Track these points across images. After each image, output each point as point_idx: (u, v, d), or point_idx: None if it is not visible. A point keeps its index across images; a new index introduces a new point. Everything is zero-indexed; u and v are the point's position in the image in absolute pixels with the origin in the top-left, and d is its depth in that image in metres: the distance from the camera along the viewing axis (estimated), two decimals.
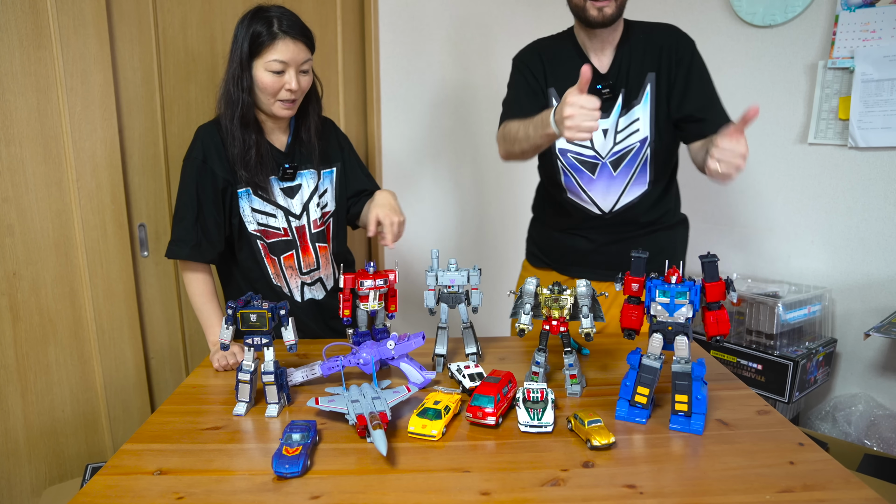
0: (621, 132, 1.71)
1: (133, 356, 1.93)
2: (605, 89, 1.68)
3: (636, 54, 1.70)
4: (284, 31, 1.53)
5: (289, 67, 1.55)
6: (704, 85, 1.71)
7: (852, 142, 2.30)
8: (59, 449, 1.80)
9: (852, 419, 2.29)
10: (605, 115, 1.69)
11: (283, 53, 1.53)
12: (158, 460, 1.14)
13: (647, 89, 1.69)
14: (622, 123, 1.71)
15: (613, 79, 1.70)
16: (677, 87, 1.68)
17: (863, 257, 2.35)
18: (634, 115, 1.70)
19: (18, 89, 1.62)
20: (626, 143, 1.71)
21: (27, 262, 1.68)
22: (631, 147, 1.71)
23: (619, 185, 1.75)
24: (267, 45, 1.53)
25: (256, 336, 1.31)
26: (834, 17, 2.30)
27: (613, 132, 1.71)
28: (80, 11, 1.70)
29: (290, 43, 1.54)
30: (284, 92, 1.57)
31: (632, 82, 1.69)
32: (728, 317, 1.23)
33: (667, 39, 1.70)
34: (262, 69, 1.54)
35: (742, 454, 1.13)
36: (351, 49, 2.52)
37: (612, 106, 1.70)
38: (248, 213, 1.65)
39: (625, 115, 1.70)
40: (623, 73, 1.70)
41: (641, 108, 1.70)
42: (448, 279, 1.49)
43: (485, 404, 1.23)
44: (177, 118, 1.99)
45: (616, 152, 1.72)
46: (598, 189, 1.77)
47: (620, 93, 1.70)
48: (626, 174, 1.74)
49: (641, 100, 1.69)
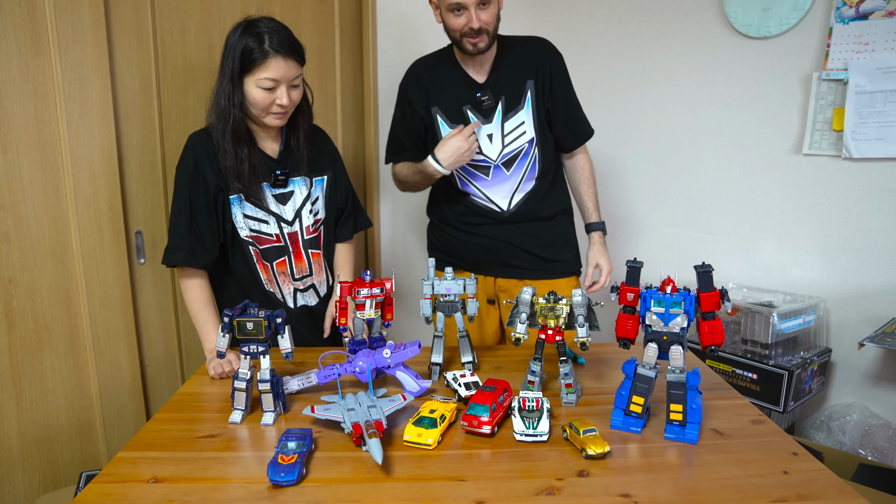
0: (509, 135, 1.89)
1: (129, 363, 1.92)
2: (484, 97, 1.86)
3: (514, 65, 1.88)
4: (276, 48, 1.53)
5: (280, 84, 1.56)
6: (568, 98, 1.94)
7: (846, 153, 2.31)
8: (53, 457, 1.79)
9: (847, 429, 2.29)
10: (488, 121, 1.88)
11: (275, 72, 1.54)
12: (154, 468, 1.13)
13: (527, 95, 1.88)
14: (508, 127, 1.88)
15: (492, 87, 1.87)
16: (551, 96, 1.90)
17: (857, 267, 2.36)
18: (519, 119, 1.88)
19: (16, 96, 1.62)
20: (516, 144, 1.90)
21: (23, 269, 1.68)
22: (520, 148, 1.90)
23: (513, 182, 1.94)
24: (259, 63, 1.53)
25: (253, 344, 1.31)
26: (828, 29, 2.32)
27: (500, 136, 1.89)
28: (78, 19, 1.70)
29: (281, 61, 1.54)
30: (275, 107, 1.58)
31: (512, 90, 1.87)
32: (723, 326, 1.23)
33: (540, 50, 1.90)
34: (254, 86, 1.55)
35: (736, 464, 1.13)
36: (348, 59, 2.53)
37: (493, 112, 1.88)
38: (240, 219, 1.66)
39: (509, 120, 1.88)
40: (502, 82, 1.87)
41: (525, 112, 1.88)
42: (444, 288, 1.50)
43: (480, 413, 1.23)
44: (174, 126, 2.00)
45: (506, 154, 1.90)
46: (494, 189, 1.95)
47: (500, 100, 1.87)
48: (518, 172, 1.93)
49: (524, 105, 1.88)
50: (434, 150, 1.82)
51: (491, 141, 1.89)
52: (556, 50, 1.93)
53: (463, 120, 1.88)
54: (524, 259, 1.99)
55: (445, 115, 1.91)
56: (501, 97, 1.87)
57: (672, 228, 2.78)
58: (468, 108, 1.88)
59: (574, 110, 1.97)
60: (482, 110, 1.87)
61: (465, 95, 1.88)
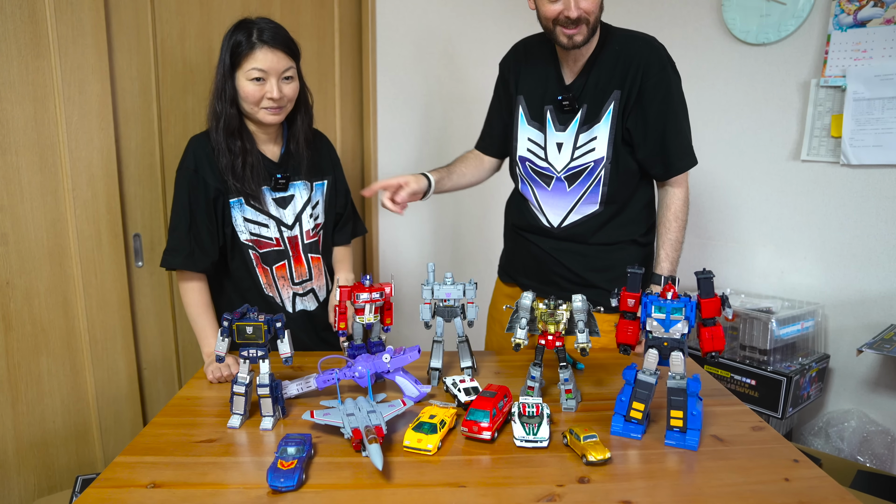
0: (580, 148, 1.67)
1: (126, 367, 1.92)
2: (564, 101, 1.65)
3: (605, 69, 1.63)
4: (264, 40, 1.54)
5: (269, 76, 1.56)
6: (661, 117, 1.63)
7: (844, 159, 2.32)
8: (49, 460, 1.78)
9: (845, 435, 2.29)
10: (562, 129, 1.68)
11: (262, 62, 1.54)
12: (152, 473, 1.13)
13: (609, 107, 1.63)
14: (581, 139, 1.66)
15: (577, 92, 1.66)
16: (635, 112, 1.62)
17: (855, 273, 2.37)
18: (593, 134, 1.65)
19: (16, 98, 1.62)
20: (583, 160, 1.67)
21: (21, 272, 1.67)
22: (586, 165, 1.67)
23: (570, 201, 1.72)
24: (246, 55, 1.54)
25: (252, 348, 1.31)
26: (826, 36, 2.33)
27: (571, 147, 1.67)
28: (79, 21, 1.70)
29: (268, 52, 1.55)
30: (266, 100, 1.58)
31: (595, 99, 1.64)
32: (723, 333, 1.23)
33: (638, 55, 1.61)
34: (244, 79, 1.56)
35: (737, 470, 1.13)
36: (348, 62, 2.53)
37: (571, 120, 1.67)
38: (240, 222, 1.65)
39: (585, 132, 1.66)
40: (589, 87, 1.65)
41: (602, 126, 1.64)
42: (444, 293, 1.50)
43: (480, 419, 1.23)
44: (174, 129, 1.99)
45: (571, 168, 1.68)
46: (550, 202, 1.75)
47: (582, 108, 1.65)
48: (578, 191, 1.70)
49: (602, 118, 1.64)
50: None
51: (560, 150, 1.68)
52: (662, 57, 1.62)
53: (541, 119, 1.71)
54: (564, 276, 1.77)
55: (528, 110, 1.74)
56: (584, 105, 1.65)
57: None
58: (549, 109, 1.70)
59: (669, 134, 1.64)
60: (562, 114, 1.68)
61: (550, 93, 1.69)
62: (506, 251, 1.99)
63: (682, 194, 1.70)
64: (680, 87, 1.66)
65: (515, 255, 1.90)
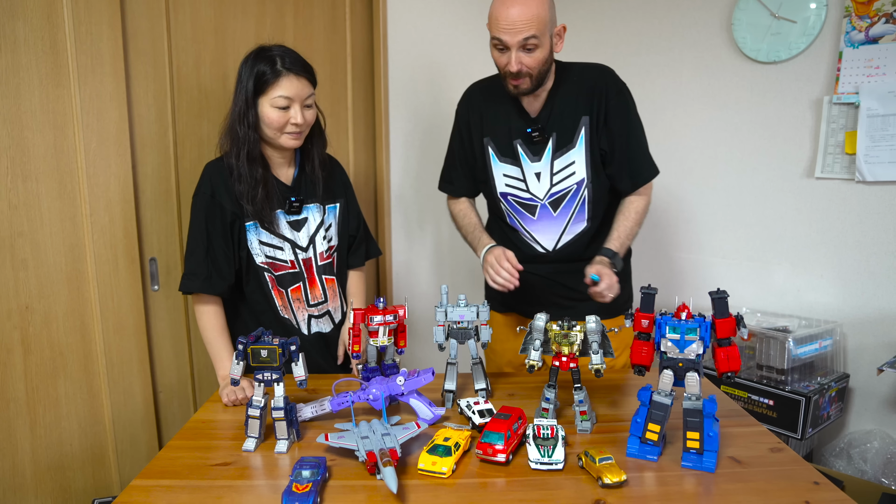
0: (557, 174, 1.75)
1: (142, 390, 1.93)
2: (534, 133, 1.72)
3: (569, 99, 1.72)
4: (288, 68, 1.57)
5: (293, 103, 1.59)
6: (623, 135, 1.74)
7: (860, 176, 2.31)
8: (66, 483, 1.79)
9: (868, 456, 2.25)
10: (537, 159, 1.75)
11: (288, 90, 1.57)
12: (168, 496, 1.13)
13: (581, 132, 1.72)
14: (557, 166, 1.75)
15: (543, 122, 1.73)
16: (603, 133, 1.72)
17: (874, 291, 2.34)
18: (570, 159, 1.74)
19: (37, 126, 1.65)
20: (564, 185, 1.76)
21: (40, 296, 1.70)
22: (568, 189, 1.76)
23: (560, 224, 1.81)
24: (272, 83, 1.57)
25: (267, 371, 1.31)
26: (838, 53, 2.33)
27: (549, 175, 1.76)
28: (97, 51, 1.74)
29: (293, 79, 1.58)
30: (290, 126, 1.61)
31: (565, 126, 1.72)
32: (739, 353, 1.22)
33: (598, 82, 1.72)
34: (268, 105, 1.58)
35: (756, 493, 1.11)
36: (360, 87, 2.56)
37: (544, 149, 1.75)
38: (255, 245, 1.67)
39: (559, 158, 1.74)
40: (555, 117, 1.73)
41: (577, 151, 1.73)
42: (457, 315, 1.50)
43: (495, 441, 1.22)
44: (189, 154, 2.02)
45: (554, 194, 1.77)
46: (540, 229, 1.83)
47: (551, 137, 1.73)
48: (565, 214, 1.79)
49: (577, 143, 1.72)
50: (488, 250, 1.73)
51: (539, 179, 1.76)
52: (618, 80, 1.75)
53: (513, 154, 1.78)
54: (567, 295, 1.83)
55: (496, 148, 1.80)
56: (553, 133, 1.73)
57: (685, 253, 2.77)
58: (519, 143, 1.76)
59: (632, 150, 1.76)
60: (533, 146, 1.75)
61: (517, 128, 1.76)
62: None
63: (645, 200, 1.81)
64: (634, 105, 1.77)
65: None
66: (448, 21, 2.72)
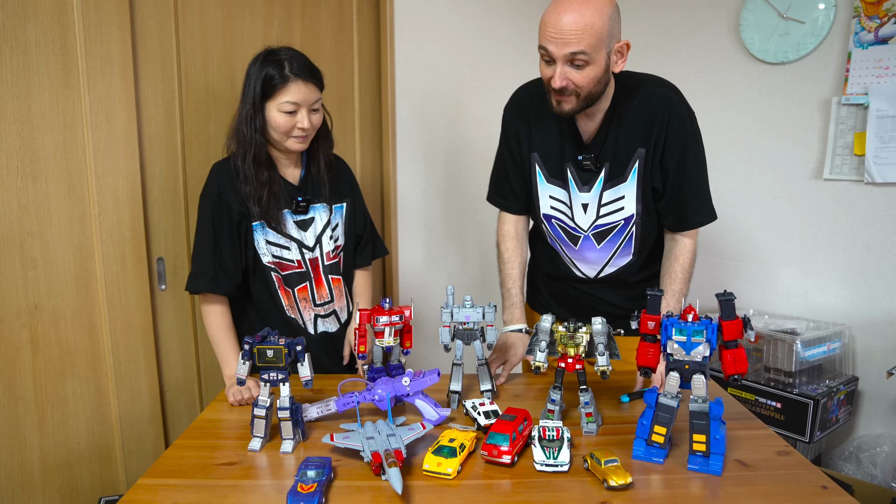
0: (605, 206, 1.60)
1: (148, 389, 1.94)
2: (585, 161, 1.56)
3: (625, 126, 1.53)
4: (295, 73, 1.58)
5: (300, 108, 1.60)
6: (679, 171, 1.55)
7: (868, 177, 2.29)
8: (73, 481, 1.80)
9: (878, 461, 2.23)
10: (587, 189, 1.60)
11: (295, 95, 1.58)
12: (174, 495, 1.13)
13: (634, 166, 1.55)
14: (606, 198, 1.59)
15: (597, 151, 1.56)
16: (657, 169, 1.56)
17: (883, 293, 2.32)
18: (620, 192, 1.58)
19: (47, 127, 1.67)
20: (610, 218, 1.61)
21: (48, 295, 1.71)
22: (615, 224, 1.62)
23: (604, 257, 1.68)
24: (280, 88, 1.57)
25: (272, 371, 1.32)
26: (847, 54, 2.32)
27: (596, 206, 1.61)
28: (107, 52, 1.75)
29: (301, 85, 1.58)
30: (296, 130, 1.61)
31: (619, 157, 1.55)
32: (746, 355, 1.21)
33: (659, 110, 1.51)
34: (276, 110, 1.59)
35: (763, 497, 1.11)
36: (367, 88, 2.57)
37: (595, 179, 1.58)
38: (262, 245, 1.68)
39: (609, 190, 1.58)
40: (609, 145, 1.55)
41: (628, 185, 1.57)
42: (463, 316, 1.50)
43: (500, 442, 1.22)
44: (196, 154, 2.03)
45: (599, 226, 1.63)
46: (581, 258, 1.72)
47: (604, 166, 1.57)
48: (610, 248, 1.66)
49: (628, 177, 1.56)
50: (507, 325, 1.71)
51: (585, 211, 1.61)
52: (682, 111, 1.52)
53: (563, 178, 1.61)
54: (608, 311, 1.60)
55: (545, 168, 1.64)
56: (606, 164, 1.56)
57: None
58: (570, 168, 1.60)
59: (684, 189, 1.56)
60: (583, 173, 1.59)
61: (569, 151, 1.59)
62: (537, 288, 1.92)
63: (691, 246, 1.62)
64: (699, 140, 1.57)
65: (550, 295, 1.88)
66: (455, 22, 2.72)
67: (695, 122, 1.55)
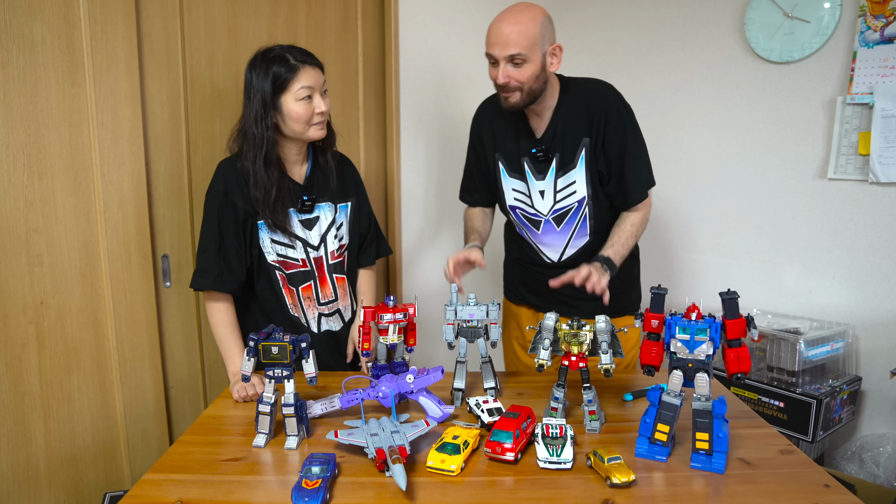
0: (560, 191, 1.81)
1: (153, 385, 1.95)
2: (538, 153, 1.78)
3: (570, 119, 1.76)
4: (301, 60, 1.60)
5: (315, 92, 1.62)
6: (620, 156, 1.76)
7: (873, 177, 2.29)
8: (79, 476, 1.81)
9: (881, 461, 2.23)
10: (542, 177, 1.81)
11: (308, 79, 1.60)
12: (179, 490, 1.14)
13: (581, 153, 1.76)
14: (560, 184, 1.80)
15: (547, 143, 1.78)
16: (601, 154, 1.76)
17: (887, 293, 2.32)
18: (571, 178, 1.79)
19: (53, 124, 1.67)
20: (566, 202, 1.81)
21: (54, 291, 1.72)
22: (570, 206, 1.82)
23: (563, 238, 1.87)
24: (291, 78, 1.59)
25: (277, 368, 1.32)
26: (852, 53, 2.31)
27: (553, 192, 1.81)
28: (113, 50, 1.76)
29: (309, 69, 1.61)
30: (316, 116, 1.63)
31: (566, 148, 1.77)
32: (749, 354, 1.22)
33: (597, 103, 1.74)
34: (293, 101, 1.60)
35: (766, 495, 1.11)
36: (371, 86, 2.57)
37: (548, 168, 1.80)
38: (267, 243, 1.68)
39: (562, 177, 1.79)
40: (558, 137, 1.77)
41: (578, 171, 1.78)
42: (467, 314, 1.50)
43: (504, 440, 1.22)
44: (201, 152, 2.04)
45: (556, 210, 1.83)
46: (545, 242, 1.90)
47: (555, 157, 1.78)
48: (568, 229, 1.85)
49: (577, 164, 1.77)
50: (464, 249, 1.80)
51: (543, 197, 1.82)
52: (617, 101, 1.76)
53: (521, 171, 1.83)
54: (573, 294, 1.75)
55: (506, 164, 1.86)
56: (556, 154, 1.78)
57: (695, 254, 2.76)
58: (526, 161, 1.82)
59: (626, 172, 1.77)
60: (538, 164, 1.80)
61: (525, 147, 1.81)
62: (511, 276, 2.11)
63: (641, 214, 1.83)
64: (636, 126, 1.79)
65: (521, 281, 2.04)
66: (459, 20, 2.73)
67: (630, 111, 1.78)
